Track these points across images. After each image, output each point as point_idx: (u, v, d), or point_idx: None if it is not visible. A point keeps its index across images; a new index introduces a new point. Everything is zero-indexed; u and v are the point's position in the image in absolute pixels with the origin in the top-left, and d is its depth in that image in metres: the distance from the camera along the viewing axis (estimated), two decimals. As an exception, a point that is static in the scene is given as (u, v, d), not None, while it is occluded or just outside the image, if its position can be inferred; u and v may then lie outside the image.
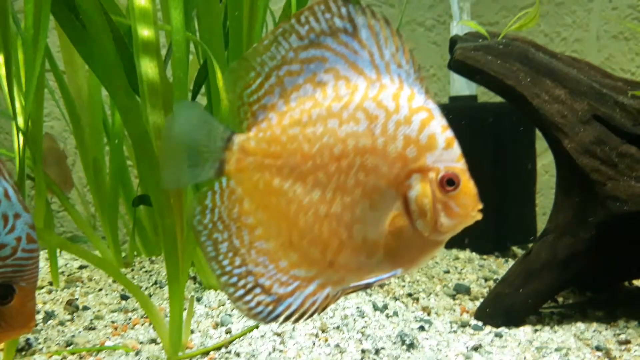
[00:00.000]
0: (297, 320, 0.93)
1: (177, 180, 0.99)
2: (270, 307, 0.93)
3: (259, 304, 0.93)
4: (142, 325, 1.85)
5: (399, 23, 3.97)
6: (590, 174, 1.97)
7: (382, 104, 0.92)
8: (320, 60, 0.95)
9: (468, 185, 0.93)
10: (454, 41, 2.46)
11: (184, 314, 1.59)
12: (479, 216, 0.94)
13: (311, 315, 0.93)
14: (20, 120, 1.80)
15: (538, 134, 3.25)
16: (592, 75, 2.25)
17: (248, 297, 0.93)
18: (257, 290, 0.94)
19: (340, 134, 0.92)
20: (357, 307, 1.82)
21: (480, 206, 0.94)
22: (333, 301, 0.95)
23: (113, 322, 1.90)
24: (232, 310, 1.83)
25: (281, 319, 0.93)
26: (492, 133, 3.03)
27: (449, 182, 0.91)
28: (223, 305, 1.93)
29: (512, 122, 3.05)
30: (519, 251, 3.03)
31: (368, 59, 0.94)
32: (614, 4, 4.12)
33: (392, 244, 0.92)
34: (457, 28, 3.28)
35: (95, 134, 2.45)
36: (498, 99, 2.81)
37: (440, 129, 0.93)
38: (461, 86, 3.26)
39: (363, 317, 1.78)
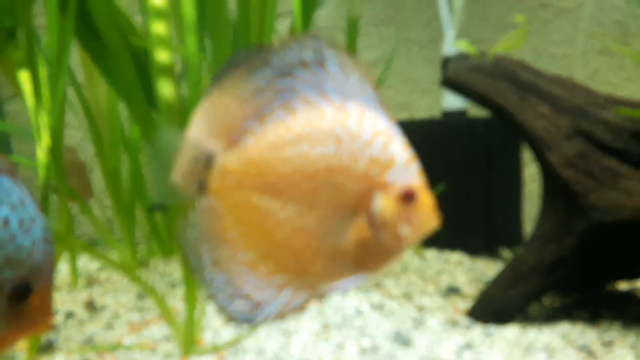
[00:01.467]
0: (274, 321, 0.99)
1: (163, 196, 1.05)
2: (251, 313, 0.98)
3: (240, 310, 0.98)
4: (156, 324, 1.88)
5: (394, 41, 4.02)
6: (573, 185, 2.01)
7: (347, 127, 0.98)
8: (291, 89, 1.01)
9: (425, 199, 0.98)
10: (446, 60, 2.51)
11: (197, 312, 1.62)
12: (438, 225, 1.00)
13: (287, 317, 0.99)
14: (44, 134, 1.83)
15: (525, 145, 3.31)
16: (576, 92, 2.30)
17: (230, 305, 0.98)
18: (238, 298, 0.99)
19: (311, 156, 0.98)
20: (356, 307, 1.85)
21: (437, 217, 0.99)
22: (307, 305, 1.00)
23: (130, 321, 1.93)
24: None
25: (261, 322, 0.98)
26: (482, 145, 3.07)
27: (407, 197, 0.96)
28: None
29: (500, 134, 3.10)
30: (506, 253, 3.07)
31: (334, 87, 1.00)
32: (600, 20, 4.17)
33: (358, 254, 0.97)
34: (448, 46, 3.33)
35: (114, 144, 2.49)
36: (487, 113, 2.87)
37: (399, 150, 0.98)
38: (453, 101, 3.31)
39: (361, 316, 1.81)
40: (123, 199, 2.50)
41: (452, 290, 2.35)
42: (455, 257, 2.87)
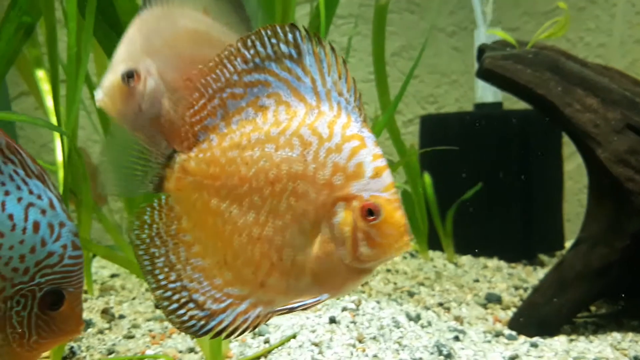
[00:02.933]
0: (228, 336, 0.96)
1: (116, 189, 1.04)
2: (202, 322, 0.96)
3: (191, 318, 0.96)
4: (179, 334, 1.88)
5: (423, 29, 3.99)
6: (625, 183, 1.97)
7: (317, 131, 0.94)
8: (263, 85, 0.97)
9: (393, 216, 0.90)
10: (481, 49, 2.48)
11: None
12: (406, 248, 0.91)
13: (242, 332, 0.96)
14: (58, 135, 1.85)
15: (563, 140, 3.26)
16: (624, 83, 2.25)
17: (181, 312, 0.97)
18: (191, 305, 0.97)
19: (275, 159, 0.94)
20: (393, 317, 1.84)
21: (406, 238, 0.90)
22: (264, 321, 0.97)
23: (150, 330, 1.94)
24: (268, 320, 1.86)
25: (212, 333, 0.95)
26: (519, 140, 3.03)
27: (369, 212, 0.90)
28: (258, 314, 1.95)
29: (538, 129, 3.05)
30: (545, 259, 3.03)
31: (310, 86, 0.96)
32: (638, 8, 4.09)
33: (318, 270, 0.93)
34: (481, 35, 3.29)
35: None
36: (523, 106, 2.83)
37: (370, 158, 0.92)
38: (486, 93, 3.27)
39: (398, 327, 1.80)
40: (137, 201, 2.50)
41: (492, 299, 2.32)
42: (493, 264, 2.84)
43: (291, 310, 0.95)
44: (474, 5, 3.36)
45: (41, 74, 1.97)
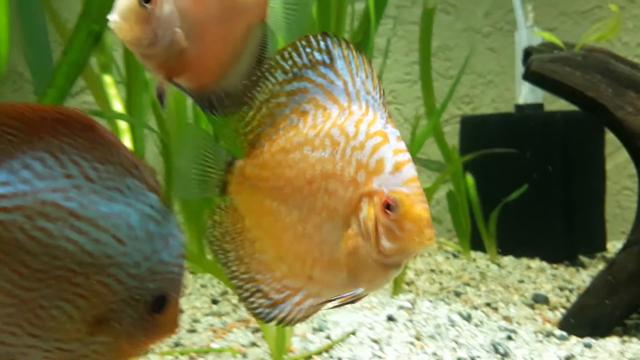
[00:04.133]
0: (288, 324, 1.05)
1: (186, 194, 1.14)
2: (268, 310, 1.05)
3: (259, 306, 1.06)
4: (239, 329, 1.95)
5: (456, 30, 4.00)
6: (679, 185, 1.97)
7: (345, 130, 0.99)
8: (303, 92, 1.05)
9: (412, 210, 0.92)
10: (528, 52, 2.50)
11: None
12: (428, 242, 0.93)
13: (298, 322, 1.05)
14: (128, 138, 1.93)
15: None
16: (675, 85, 2.25)
17: (251, 299, 1.06)
18: (258, 294, 1.06)
19: (311, 160, 1.01)
20: (448, 317, 1.88)
21: (428, 232, 0.93)
22: (315, 312, 1.06)
23: (211, 325, 2.01)
24: (325, 317, 1.92)
25: (276, 321, 1.05)
26: (562, 141, 3.03)
27: (388, 206, 0.93)
28: (313, 311, 2.01)
29: (581, 130, 3.05)
30: (586, 260, 3.03)
31: (342, 88, 1.02)
32: (678, 7, 4.04)
33: (350, 265, 0.98)
34: (523, 36, 3.29)
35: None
36: (563, 106, 2.82)
37: (390, 154, 0.96)
38: (526, 94, 3.27)
39: (454, 326, 1.84)
40: (192, 207, 2.58)
41: (539, 300, 2.34)
42: (535, 265, 2.85)
43: (334, 303, 1.02)
44: (515, 6, 3.36)
45: (108, 79, 2.06)
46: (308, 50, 1.04)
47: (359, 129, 0.98)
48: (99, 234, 0.91)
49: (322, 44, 1.03)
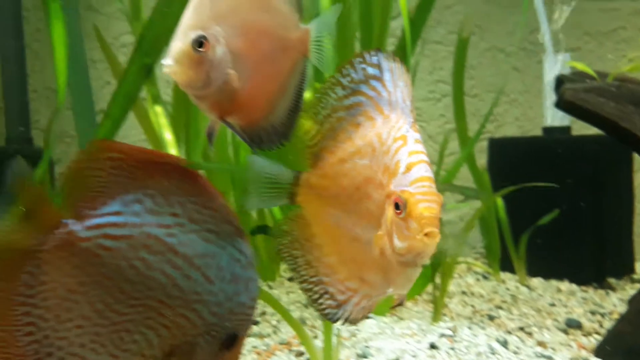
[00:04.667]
0: (352, 323, 1.14)
1: (258, 204, 1.23)
2: (334, 310, 1.13)
3: (327, 307, 1.13)
4: (282, 351, 2.01)
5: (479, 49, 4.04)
6: None
7: (381, 137, 1.06)
8: (357, 105, 1.12)
9: (414, 209, 0.96)
10: (560, 80, 2.54)
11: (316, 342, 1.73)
12: (429, 241, 0.96)
13: (358, 321, 1.13)
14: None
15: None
16: None
17: (320, 301, 1.14)
18: (326, 296, 1.14)
19: (358, 167, 1.09)
20: (488, 344, 1.92)
21: (430, 230, 0.96)
22: (368, 312, 1.14)
23: (254, 347, 2.07)
24: (368, 343, 1.97)
25: (341, 321, 1.13)
26: (590, 165, 3.06)
27: (397, 206, 0.99)
28: (355, 336, 2.06)
29: (609, 154, 3.08)
30: (613, 281, 3.05)
31: (387, 98, 1.09)
32: None
33: (381, 264, 1.04)
34: (551, 61, 3.34)
35: (221, 158, 2.62)
36: (593, 130, 2.86)
37: (405, 155, 1.01)
38: (553, 117, 3.31)
39: (494, 354, 1.88)
40: (249, 221, 2.64)
41: (572, 324, 2.38)
42: (565, 287, 2.88)
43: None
44: (543, 30, 3.40)
45: (158, 109, 2.14)
46: (363, 65, 1.11)
47: (390, 134, 1.05)
48: (191, 271, 0.98)
49: (374, 58, 1.11)
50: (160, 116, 2.13)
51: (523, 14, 2.44)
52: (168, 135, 2.10)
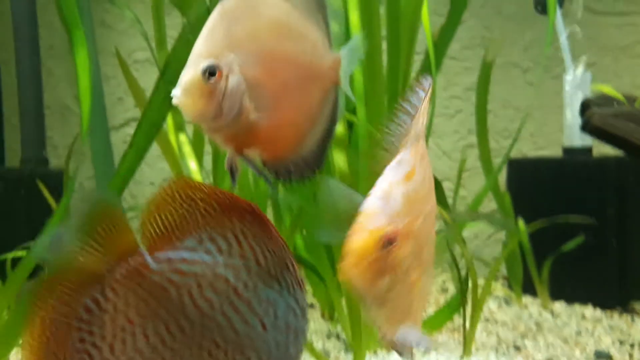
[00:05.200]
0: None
1: (327, 238, 1.14)
2: (401, 345, 1.07)
3: (397, 342, 1.06)
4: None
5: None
6: None
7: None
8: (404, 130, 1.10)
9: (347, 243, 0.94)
10: (586, 104, 2.50)
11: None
12: (344, 275, 0.93)
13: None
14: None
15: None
16: None
17: (388, 336, 1.06)
18: (394, 331, 1.07)
19: None
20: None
21: (343, 266, 0.93)
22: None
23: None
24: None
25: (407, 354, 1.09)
26: (613, 187, 3.01)
27: None
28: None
29: (633, 175, 3.03)
30: (637, 306, 2.99)
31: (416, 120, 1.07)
32: None
33: None
34: (571, 80, 3.29)
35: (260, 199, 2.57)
36: (618, 151, 2.81)
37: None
38: (575, 137, 3.26)
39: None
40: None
41: (602, 356, 2.32)
42: (590, 313, 2.82)
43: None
44: (563, 49, 3.37)
45: (183, 138, 2.10)
46: (418, 91, 1.08)
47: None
48: (250, 316, 0.97)
49: (425, 81, 1.08)
50: (184, 145, 2.09)
51: (548, 36, 2.41)
52: (193, 165, 2.06)
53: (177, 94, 0.99)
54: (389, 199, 0.90)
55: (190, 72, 1.00)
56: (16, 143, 3.49)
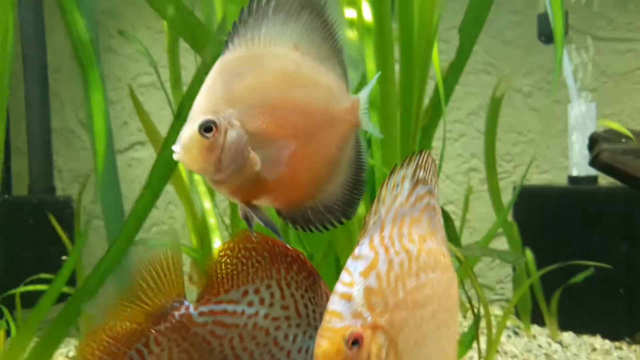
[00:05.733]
0: None
1: None
2: None
3: None
4: None
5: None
6: None
7: None
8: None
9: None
10: (594, 138, 2.52)
11: None
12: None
13: None
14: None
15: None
16: None
17: None
18: None
19: None
20: None
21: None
22: None
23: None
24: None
25: None
26: (620, 216, 3.03)
27: None
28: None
29: (638, 204, 3.05)
30: (643, 335, 3.00)
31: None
32: None
33: None
34: (576, 110, 3.32)
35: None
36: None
37: None
38: (581, 167, 3.27)
39: None
40: None
41: (615, 391, 2.32)
42: (598, 343, 2.82)
43: None
44: (567, 78, 3.40)
45: (197, 177, 2.10)
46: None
47: None
48: None
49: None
50: (199, 184, 2.09)
51: (556, 70, 2.43)
52: (207, 204, 2.06)
53: (177, 149, 1.00)
54: (350, 297, 0.86)
55: (189, 129, 1.01)
56: (22, 168, 3.48)
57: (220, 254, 1.00)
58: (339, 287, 0.87)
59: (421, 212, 0.97)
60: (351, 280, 0.87)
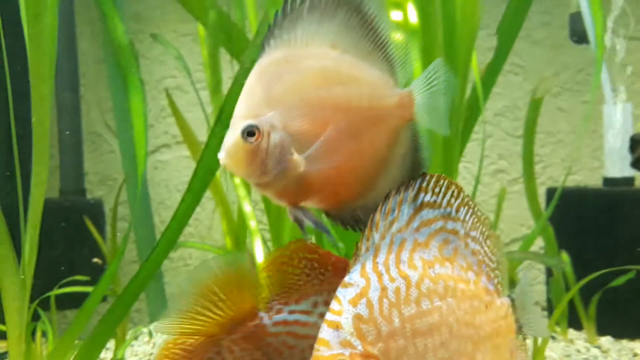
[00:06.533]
0: None
1: None
2: None
3: None
4: None
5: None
6: None
7: None
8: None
9: None
10: (636, 140, 2.47)
11: None
12: None
13: None
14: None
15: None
16: None
17: None
18: None
19: None
20: None
21: None
22: None
23: None
24: None
25: None
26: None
27: None
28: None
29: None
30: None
31: None
32: None
33: None
34: (612, 111, 3.26)
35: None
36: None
37: None
38: (616, 167, 3.21)
39: None
40: None
41: (661, 399, 2.26)
42: (639, 348, 2.76)
43: None
44: (603, 80, 3.34)
45: (238, 181, 2.09)
46: None
47: None
48: None
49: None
50: (239, 187, 2.08)
51: (596, 71, 2.37)
52: (247, 207, 2.04)
53: (221, 156, 1.00)
54: (338, 325, 0.84)
55: (232, 134, 1.01)
56: (53, 170, 3.51)
57: (279, 261, 0.99)
58: (328, 315, 0.85)
59: (429, 237, 0.92)
60: (339, 309, 0.84)
